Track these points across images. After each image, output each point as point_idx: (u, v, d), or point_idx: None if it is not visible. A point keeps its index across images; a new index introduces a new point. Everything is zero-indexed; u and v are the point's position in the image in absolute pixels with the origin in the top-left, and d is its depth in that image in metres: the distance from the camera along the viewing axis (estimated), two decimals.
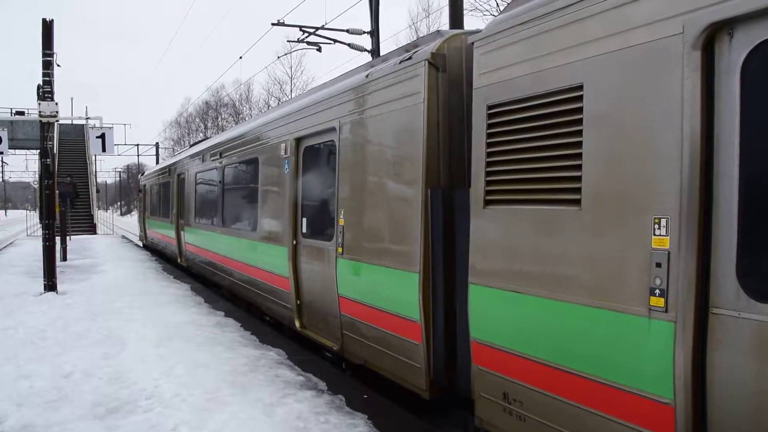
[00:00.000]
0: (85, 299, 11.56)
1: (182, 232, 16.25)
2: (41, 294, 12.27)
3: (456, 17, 11.86)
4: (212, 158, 12.67)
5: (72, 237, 28.07)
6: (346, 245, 6.27)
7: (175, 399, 5.79)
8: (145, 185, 26.00)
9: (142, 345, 7.83)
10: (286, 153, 8.09)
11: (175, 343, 7.92)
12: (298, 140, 7.82)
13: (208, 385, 6.15)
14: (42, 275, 12.74)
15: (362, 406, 5.67)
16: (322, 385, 6.34)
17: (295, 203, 7.85)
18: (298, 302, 7.78)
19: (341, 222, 6.37)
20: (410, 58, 5.35)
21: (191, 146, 18.90)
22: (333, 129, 6.70)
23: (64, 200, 21.62)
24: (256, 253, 9.48)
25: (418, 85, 5.10)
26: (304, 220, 7.71)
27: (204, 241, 13.56)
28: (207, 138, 19.44)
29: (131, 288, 13.05)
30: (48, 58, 12.29)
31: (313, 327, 7.52)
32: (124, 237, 36.66)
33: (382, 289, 5.66)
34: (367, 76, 6.07)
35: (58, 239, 16.18)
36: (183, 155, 17.85)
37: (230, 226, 11.32)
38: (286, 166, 8.08)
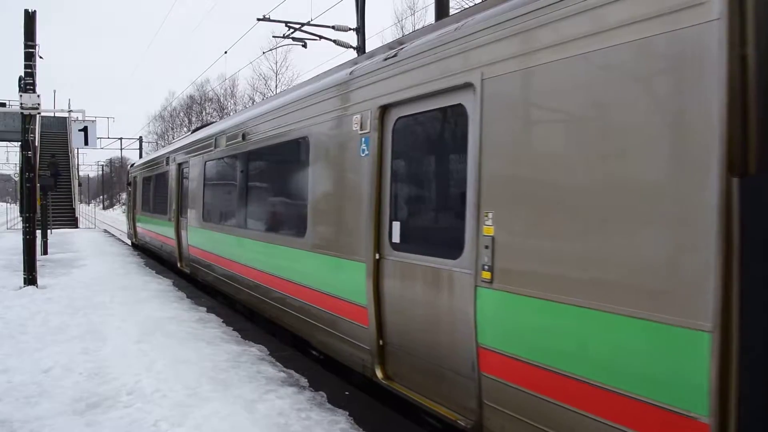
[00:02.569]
0: (65, 293, 11.46)
1: (184, 233, 13.52)
2: (21, 288, 12.15)
3: (442, 15, 11.89)
4: (231, 142, 10.04)
5: (53, 231, 27.79)
6: (500, 269, 3.99)
7: (155, 394, 5.76)
8: (135, 177, 22.53)
9: (123, 340, 7.79)
10: (362, 128, 5.69)
11: (157, 338, 7.88)
12: (386, 108, 5.40)
13: (189, 380, 6.13)
14: (22, 269, 12.61)
15: (344, 403, 5.68)
16: (304, 381, 6.35)
17: (377, 200, 5.42)
18: (381, 342, 5.45)
19: (488, 231, 4.10)
20: None
21: (194, 131, 15.61)
22: (466, 86, 4.38)
23: (46, 194, 21.39)
24: (305, 266, 6.95)
25: None
26: (397, 225, 5.28)
27: (217, 245, 10.82)
28: (214, 122, 16.32)
29: (113, 282, 12.96)
30: (30, 50, 12.16)
31: (411, 382, 5.15)
32: (106, 231, 36.40)
33: (603, 350, 3.31)
34: None
35: (38, 233, 16.01)
36: (185, 141, 14.70)
37: (259, 228, 8.74)
38: (363, 147, 5.68)
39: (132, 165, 26.76)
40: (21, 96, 12.18)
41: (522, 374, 3.84)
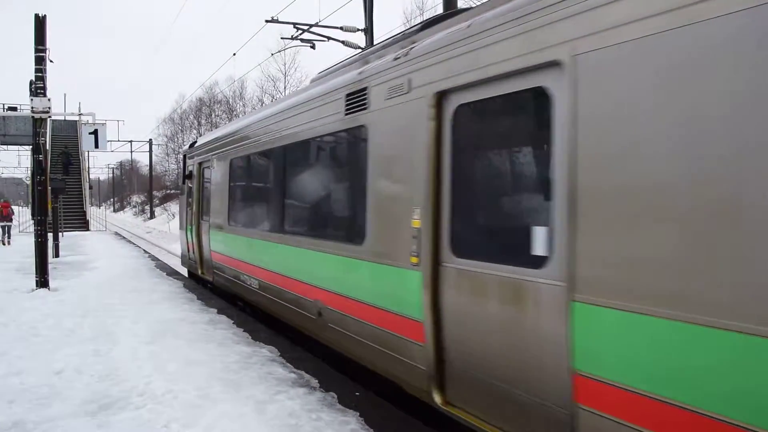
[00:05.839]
0: (77, 296, 11.53)
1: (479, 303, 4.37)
2: (33, 290, 12.25)
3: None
4: None
5: (64, 233, 27.98)
6: None
7: (166, 396, 5.78)
8: (203, 164, 12.91)
9: (133, 342, 7.82)
10: None
11: (167, 340, 7.91)
12: None
13: (200, 382, 6.15)
14: (34, 272, 12.70)
15: (354, 404, 5.68)
16: (315, 382, 6.35)
17: None
18: None
19: None
20: None
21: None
22: None
23: (57, 196, 21.56)
24: None
25: None
26: None
27: None
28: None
29: (123, 285, 13.02)
30: (40, 54, 12.25)
31: None
32: (117, 234, 36.62)
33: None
34: None
35: (50, 235, 16.12)
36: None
37: None
38: None
39: (193, 145, 14.82)
40: (32, 100, 12.28)
41: None
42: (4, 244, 26.62)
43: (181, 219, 15.50)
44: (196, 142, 14.67)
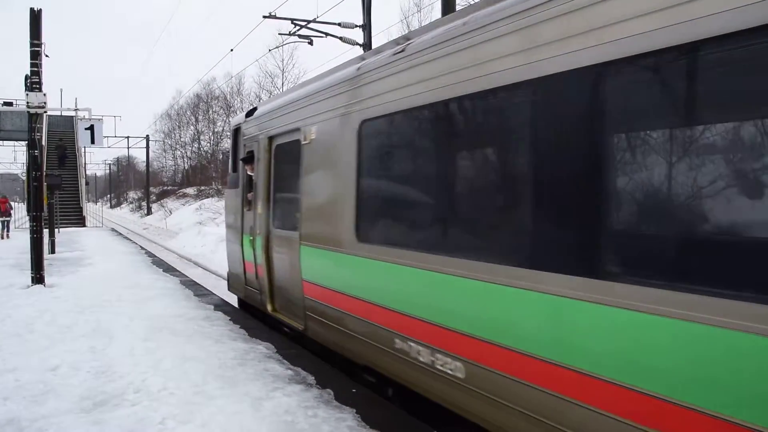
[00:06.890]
0: (73, 292, 11.48)
1: None
2: (29, 287, 12.20)
3: (448, 12, 11.84)
4: None
5: (60, 229, 27.92)
6: None
7: (162, 392, 5.76)
8: (276, 139, 8.27)
9: (130, 338, 7.79)
10: None
11: (164, 336, 7.88)
12: None
13: (196, 378, 6.13)
14: (30, 268, 12.65)
15: (351, 400, 5.66)
16: (311, 379, 6.34)
17: None
18: None
19: None
20: None
21: None
22: None
23: (53, 192, 21.50)
24: None
25: None
26: None
27: None
28: None
29: (120, 281, 12.98)
30: (36, 49, 12.17)
31: None
32: (113, 230, 36.56)
33: None
34: None
35: (46, 231, 16.07)
36: None
37: None
38: None
39: (252, 112, 9.65)
40: (27, 95, 12.21)
41: None
42: (2, 238, 26.91)
43: (230, 224, 10.48)
44: (255, 108, 9.79)
